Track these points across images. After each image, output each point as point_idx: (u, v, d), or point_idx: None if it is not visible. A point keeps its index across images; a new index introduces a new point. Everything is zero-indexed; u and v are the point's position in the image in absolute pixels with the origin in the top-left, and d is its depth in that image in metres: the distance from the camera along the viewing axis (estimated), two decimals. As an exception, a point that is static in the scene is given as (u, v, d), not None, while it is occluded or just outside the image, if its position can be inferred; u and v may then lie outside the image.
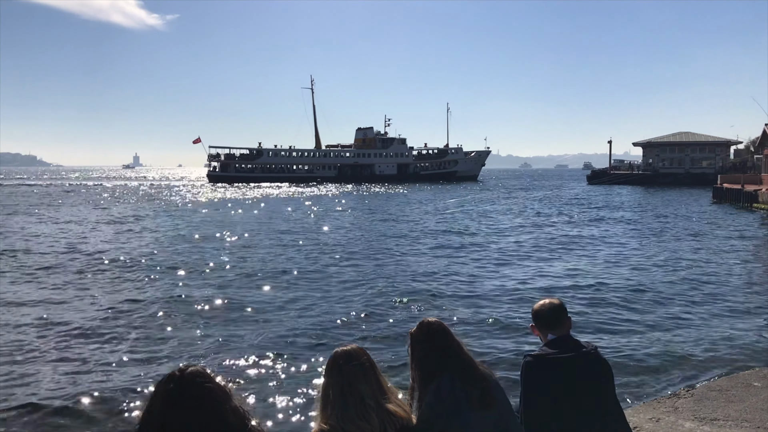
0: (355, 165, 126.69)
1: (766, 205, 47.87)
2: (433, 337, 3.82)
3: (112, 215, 46.60)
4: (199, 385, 2.62)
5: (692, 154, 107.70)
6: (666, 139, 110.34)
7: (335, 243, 29.84)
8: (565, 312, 4.19)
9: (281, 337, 13.17)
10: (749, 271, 21.09)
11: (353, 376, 3.27)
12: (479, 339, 12.78)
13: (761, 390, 5.27)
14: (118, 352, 11.96)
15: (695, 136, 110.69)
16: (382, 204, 60.04)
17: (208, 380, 2.66)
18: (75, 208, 54.18)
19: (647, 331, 13.30)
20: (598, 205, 58.95)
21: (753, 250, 26.47)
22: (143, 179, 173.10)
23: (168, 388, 2.61)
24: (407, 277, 20.30)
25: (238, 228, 36.54)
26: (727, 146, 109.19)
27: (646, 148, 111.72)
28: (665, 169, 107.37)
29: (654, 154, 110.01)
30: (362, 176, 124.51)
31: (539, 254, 25.74)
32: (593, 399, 3.89)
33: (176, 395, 2.59)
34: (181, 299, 16.76)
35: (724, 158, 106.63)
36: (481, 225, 39.19)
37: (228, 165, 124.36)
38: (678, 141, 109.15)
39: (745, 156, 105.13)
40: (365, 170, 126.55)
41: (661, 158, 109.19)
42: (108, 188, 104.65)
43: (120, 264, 22.78)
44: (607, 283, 18.84)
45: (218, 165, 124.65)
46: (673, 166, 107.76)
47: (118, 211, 51.34)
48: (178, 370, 2.66)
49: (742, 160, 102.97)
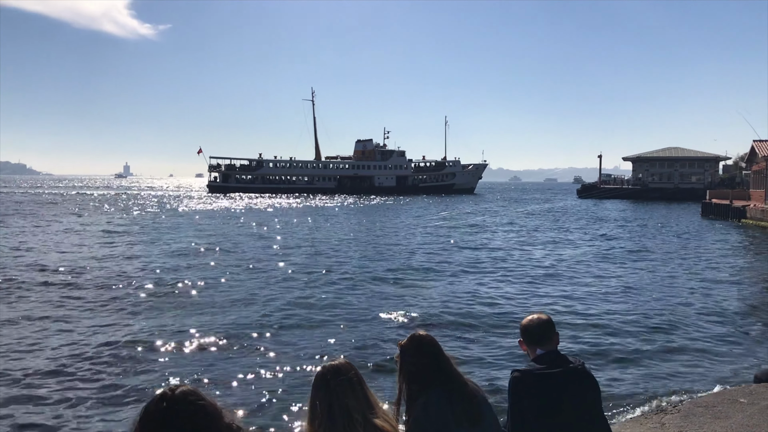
0: (355, 177, 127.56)
1: (755, 220, 48.19)
2: (424, 351, 3.81)
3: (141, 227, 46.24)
4: (192, 403, 2.58)
5: (681, 169, 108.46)
6: (655, 154, 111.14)
7: (330, 258, 29.76)
8: (554, 327, 4.21)
9: (266, 348, 13.14)
10: (736, 288, 21.18)
11: (341, 391, 3.27)
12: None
13: (747, 406, 5.29)
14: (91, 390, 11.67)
15: (684, 151, 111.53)
16: (390, 218, 59.99)
17: (200, 398, 2.62)
18: (85, 217, 53.82)
19: (635, 347, 13.33)
20: (591, 220, 59.14)
21: (740, 266, 26.60)
22: (144, 188, 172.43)
23: (161, 407, 2.56)
24: (405, 293, 20.31)
25: (227, 244, 36.38)
26: (716, 162, 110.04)
27: (636, 163, 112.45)
28: (655, 183, 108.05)
29: (644, 168, 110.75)
30: (362, 188, 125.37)
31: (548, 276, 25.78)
32: (580, 414, 3.90)
33: (170, 414, 2.55)
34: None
35: (713, 174, 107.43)
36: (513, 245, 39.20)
37: (228, 176, 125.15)
38: (667, 156, 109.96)
39: (733, 171, 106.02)
40: (365, 182, 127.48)
41: (650, 173, 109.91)
42: (111, 196, 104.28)
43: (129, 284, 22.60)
44: (595, 300, 18.90)
45: (219, 176, 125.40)
46: (662, 180, 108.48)
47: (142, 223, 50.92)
48: (169, 389, 2.61)
49: (731, 176, 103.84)
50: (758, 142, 62.86)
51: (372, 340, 13.82)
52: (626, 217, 61.30)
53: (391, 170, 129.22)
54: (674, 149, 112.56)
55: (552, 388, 3.89)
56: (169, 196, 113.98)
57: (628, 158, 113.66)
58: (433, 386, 3.69)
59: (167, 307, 16.94)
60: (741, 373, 11.02)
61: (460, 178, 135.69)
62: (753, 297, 19.61)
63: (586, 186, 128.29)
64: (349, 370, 3.37)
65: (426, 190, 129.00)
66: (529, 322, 4.23)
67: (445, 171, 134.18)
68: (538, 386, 3.92)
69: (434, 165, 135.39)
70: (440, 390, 3.67)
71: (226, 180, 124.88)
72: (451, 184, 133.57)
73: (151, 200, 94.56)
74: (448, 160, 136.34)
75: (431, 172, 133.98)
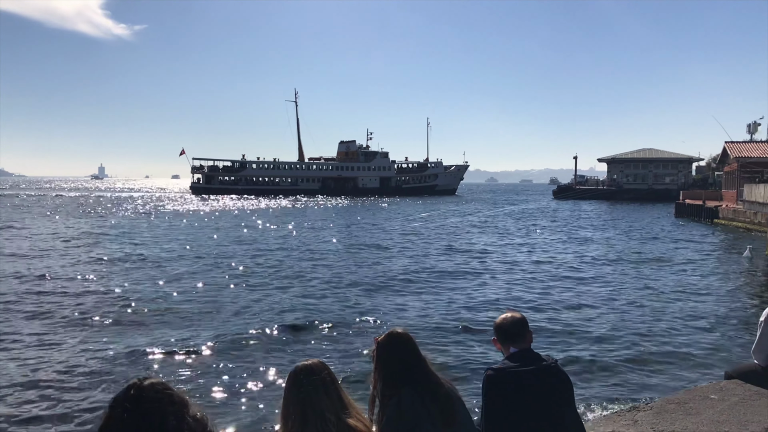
0: (339, 178, 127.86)
1: (727, 220, 48.92)
2: (400, 348, 3.80)
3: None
4: (160, 392, 2.61)
5: (655, 170, 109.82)
6: (630, 156, 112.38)
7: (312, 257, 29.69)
8: (527, 325, 4.23)
9: (241, 345, 13.08)
10: (708, 288, 21.47)
11: (314, 391, 3.26)
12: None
13: (717, 402, 5.36)
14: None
15: (658, 152, 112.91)
16: (379, 220, 59.92)
17: (168, 389, 2.66)
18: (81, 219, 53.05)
19: (607, 345, 13.47)
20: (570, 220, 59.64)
21: (712, 266, 26.97)
22: (124, 189, 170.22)
23: (129, 396, 2.59)
24: (382, 290, 20.33)
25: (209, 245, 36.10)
26: (689, 163, 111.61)
27: (611, 164, 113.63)
28: (629, 184, 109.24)
29: (618, 170, 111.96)
30: (346, 189, 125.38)
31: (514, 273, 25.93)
32: (554, 412, 3.91)
33: (138, 403, 2.57)
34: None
35: (686, 174, 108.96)
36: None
37: (212, 177, 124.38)
38: (642, 157, 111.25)
39: (706, 172, 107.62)
40: (349, 183, 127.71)
41: (625, 174, 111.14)
42: (88, 198, 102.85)
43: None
44: (569, 302, 19.07)
45: (202, 177, 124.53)
46: (636, 181, 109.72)
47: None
48: (137, 379, 2.66)
49: (704, 177, 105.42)
50: (730, 143, 63.90)
51: (349, 340, 13.82)
52: (601, 219, 61.88)
53: (375, 171, 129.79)
54: (648, 150, 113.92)
55: (525, 385, 3.90)
56: (152, 198, 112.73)
57: (603, 159, 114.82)
58: (407, 385, 3.68)
59: (150, 320, 16.67)
60: (713, 370, 11.21)
61: (443, 180, 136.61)
62: (724, 297, 19.88)
63: (561, 187, 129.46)
64: (322, 370, 3.36)
65: (409, 191, 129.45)
66: (503, 321, 4.24)
67: (428, 172, 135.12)
68: (512, 384, 3.92)
69: (417, 166, 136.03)
70: (414, 389, 3.66)
71: (209, 181, 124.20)
72: (433, 185, 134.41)
73: (134, 203, 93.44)
74: (431, 162, 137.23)
75: (414, 173, 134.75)
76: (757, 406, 5.39)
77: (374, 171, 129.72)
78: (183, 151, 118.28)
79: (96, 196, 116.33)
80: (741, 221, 45.85)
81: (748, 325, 14.91)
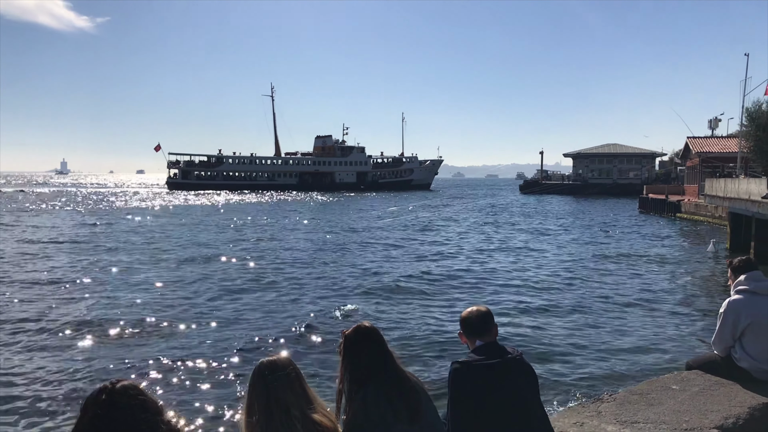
0: (316, 173, 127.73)
1: (689, 214, 49.86)
2: (367, 342, 3.79)
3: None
4: (132, 397, 2.56)
5: (620, 165, 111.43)
6: (595, 151, 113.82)
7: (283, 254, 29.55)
8: (492, 319, 4.24)
9: (208, 344, 12.97)
10: (670, 280, 21.87)
11: (279, 387, 3.23)
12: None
13: (678, 393, 5.47)
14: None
15: (623, 147, 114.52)
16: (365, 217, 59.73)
17: (141, 393, 2.61)
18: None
19: (571, 338, 13.65)
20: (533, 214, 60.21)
21: (674, 259, 27.47)
22: (93, 185, 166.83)
23: (100, 400, 2.53)
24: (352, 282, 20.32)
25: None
26: (653, 158, 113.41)
27: (576, 159, 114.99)
28: (594, 179, 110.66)
29: (583, 164, 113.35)
30: (323, 184, 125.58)
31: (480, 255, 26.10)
32: (519, 404, 3.93)
33: (109, 407, 2.51)
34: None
35: (649, 169, 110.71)
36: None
37: (188, 172, 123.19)
38: (606, 152, 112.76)
39: (669, 167, 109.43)
40: (326, 178, 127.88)
41: (590, 169, 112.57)
42: (53, 194, 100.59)
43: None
44: (533, 292, 19.29)
45: (179, 172, 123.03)
46: (601, 176, 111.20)
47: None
48: (110, 383, 2.60)
49: (667, 171, 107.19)
50: (692, 138, 65.16)
51: (314, 337, 13.79)
52: (567, 213, 62.61)
53: (352, 166, 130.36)
54: (612, 146, 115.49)
55: (491, 378, 3.92)
56: (125, 194, 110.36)
57: (569, 154, 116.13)
58: (373, 379, 3.67)
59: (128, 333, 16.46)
60: (674, 361, 11.44)
61: (418, 174, 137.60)
62: (686, 289, 20.29)
63: (528, 182, 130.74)
64: (287, 366, 3.33)
65: (385, 186, 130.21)
66: (469, 314, 4.26)
67: (404, 167, 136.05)
68: (478, 377, 3.93)
69: (392, 161, 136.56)
70: (380, 384, 3.65)
71: (185, 176, 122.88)
72: (409, 180, 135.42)
73: (108, 199, 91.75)
74: (406, 156, 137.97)
75: (390, 168, 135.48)
76: (717, 395, 5.50)
77: (351, 166, 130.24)
78: (159, 146, 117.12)
79: (75, 193, 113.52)
80: (702, 215, 46.79)
81: (708, 317, 15.23)
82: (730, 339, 5.89)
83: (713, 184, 33.03)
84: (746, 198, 25.43)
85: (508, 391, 3.91)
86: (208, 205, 71.44)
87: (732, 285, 6.03)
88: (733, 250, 28.67)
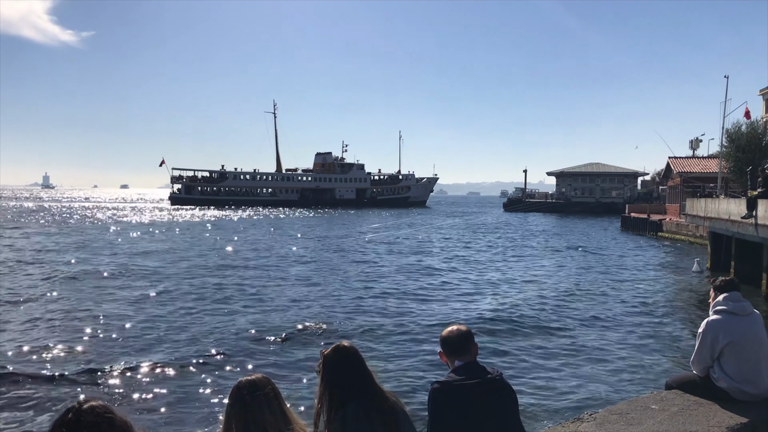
0: (317, 189, 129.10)
1: (670, 233, 50.28)
2: (346, 362, 3.77)
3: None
4: (99, 416, 2.51)
5: (602, 184, 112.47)
6: (578, 170, 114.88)
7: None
8: (472, 338, 4.24)
9: (189, 357, 12.86)
10: (651, 299, 22.00)
11: (257, 407, 3.21)
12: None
13: (658, 412, 5.49)
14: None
15: (605, 167, 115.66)
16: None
17: (109, 412, 2.56)
18: None
19: (553, 358, 13.66)
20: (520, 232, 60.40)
21: (655, 278, 27.65)
22: (88, 199, 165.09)
23: (67, 419, 2.49)
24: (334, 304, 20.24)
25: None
26: (635, 177, 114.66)
27: (559, 178, 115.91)
28: (577, 198, 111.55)
29: (566, 183, 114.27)
30: (323, 200, 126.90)
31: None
32: (499, 424, 3.92)
33: (76, 427, 2.47)
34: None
35: (631, 188, 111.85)
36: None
37: (191, 188, 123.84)
38: (589, 171, 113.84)
39: (651, 186, 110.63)
40: (326, 194, 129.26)
41: (573, 187, 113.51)
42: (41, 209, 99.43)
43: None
44: (517, 311, 19.30)
45: (182, 188, 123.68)
46: (584, 195, 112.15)
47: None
48: (78, 403, 2.55)
49: (649, 191, 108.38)
50: (673, 158, 65.91)
51: (294, 355, 13.71)
52: (550, 232, 62.90)
53: (352, 183, 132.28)
54: (595, 165, 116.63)
55: (471, 398, 3.91)
56: (129, 209, 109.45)
57: (552, 173, 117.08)
58: (353, 399, 3.65)
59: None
60: (654, 381, 11.48)
61: (415, 192, 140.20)
62: (666, 308, 20.41)
63: (512, 200, 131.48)
64: (265, 385, 3.31)
65: (384, 202, 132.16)
66: (449, 334, 4.25)
67: (401, 184, 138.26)
68: (457, 397, 3.93)
69: (389, 178, 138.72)
70: (359, 403, 3.63)
71: (189, 192, 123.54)
72: (406, 197, 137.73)
73: (113, 214, 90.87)
74: (403, 174, 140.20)
75: (388, 185, 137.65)
76: (696, 415, 5.53)
77: (351, 183, 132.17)
78: (163, 161, 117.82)
79: (85, 207, 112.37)
80: (684, 234, 47.22)
81: (688, 336, 15.32)
82: (708, 359, 5.92)
83: (694, 203, 33.34)
84: (726, 218, 25.68)
85: (487, 411, 3.90)
86: (246, 219, 71.10)
87: (711, 305, 6.08)
88: (714, 270, 28.92)
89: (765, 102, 77.02)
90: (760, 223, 21.52)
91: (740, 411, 5.58)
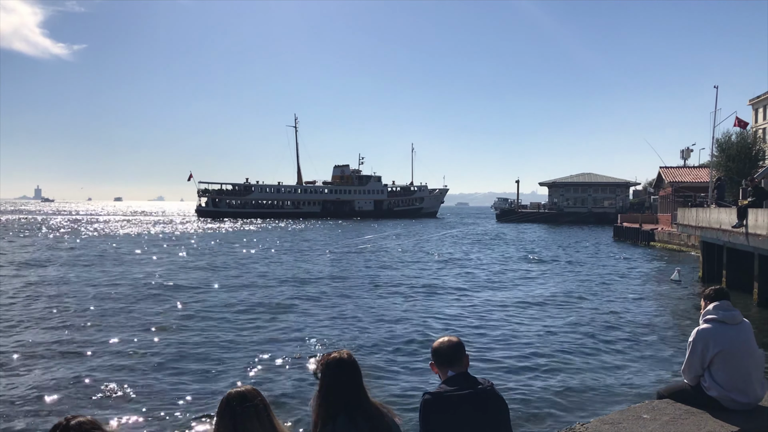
0: (337, 201, 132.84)
1: (662, 242, 50.45)
2: (343, 373, 3.78)
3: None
4: (87, 431, 2.52)
5: (594, 194, 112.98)
6: (570, 180, 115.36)
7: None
8: (464, 349, 4.25)
9: (170, 373, 12.81)
10: (642, 308, 22.04)
11: (246, 418, 3.21)
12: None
13: (649, 422, 5.52)
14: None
15: (597, 177, 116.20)
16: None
17: (97, 427, 2.57)
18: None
19: (542, 368, 13.65)
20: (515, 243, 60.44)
21: (647, 287, 27.72)
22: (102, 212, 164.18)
23: None
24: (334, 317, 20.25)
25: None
26: (627, 187, 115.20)
27: (552, 188, 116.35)
28: (569, 208, 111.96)
29: (559, 193, 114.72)
30: (343, 212, 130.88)
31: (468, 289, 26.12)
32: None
33: None
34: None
35: (623, 198, 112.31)
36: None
37: (218, 201, 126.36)
38: (581, 181, 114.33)
39: (642, 196, 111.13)
40: (346, 206, 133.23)
41: (565, 197, 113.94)
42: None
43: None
44: (509, 322, 19.30)
45: (209, 201, 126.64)
46: (576, 205, 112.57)
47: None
48: (65, 419, 2.56)
49: (640, 200, 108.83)
50: (664, 168, 66.30)
51: (285, 366, 13.68)
52: (543, 243, 63.00)
53: (370, 195, 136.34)
54: (587, 175, 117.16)
55: (462, 409, 3.92)
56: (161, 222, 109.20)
57: (545, 183, 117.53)
58: (344, 411, 3.66)
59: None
60: (645, 390, 11.50)
61: (428, 203, 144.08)
62: (658, 317, 20.44)
63: (504, 210, 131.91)
64: (255, 397, 3.32)
65: (399, 213, 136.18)
66: (440, 345, 4.26)
67: (415, 195, 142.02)
68: (449, 408, 3.94)
69: (403, 190, 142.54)
70: (350, 416, 3.64)
71: (215, 205, 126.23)
72: (420, 208, 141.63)
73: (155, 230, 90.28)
74: (416, 185, 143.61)
75: (403, 196, 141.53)
76: (687, 424, 5.55)
77: (369, 194, 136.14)
78: (191, 175, 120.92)
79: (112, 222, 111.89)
80: (676, 243, 47.40)
81: (679, 345, 15.34)
82: (699, 368, 5.95)
83: (685, 213, 33.50)
84: (717, 227, 25.80)
85: (479, 422, 3.91)
86: (298, 231, 70.99)
87: (701, 314, 6.11)
88: (707, 279, 29.00)
89: (754, 112, 77.67)
90: (750, 232, 21.64)
91: (731, 420, 5.61)
